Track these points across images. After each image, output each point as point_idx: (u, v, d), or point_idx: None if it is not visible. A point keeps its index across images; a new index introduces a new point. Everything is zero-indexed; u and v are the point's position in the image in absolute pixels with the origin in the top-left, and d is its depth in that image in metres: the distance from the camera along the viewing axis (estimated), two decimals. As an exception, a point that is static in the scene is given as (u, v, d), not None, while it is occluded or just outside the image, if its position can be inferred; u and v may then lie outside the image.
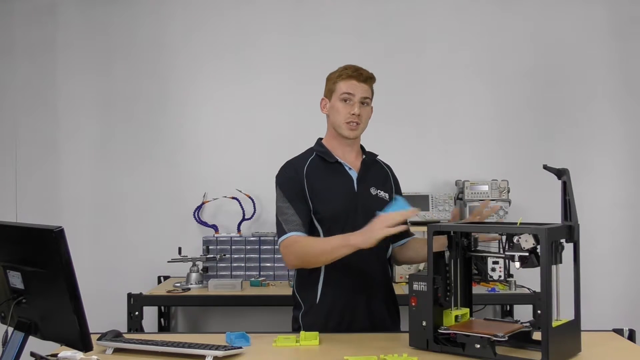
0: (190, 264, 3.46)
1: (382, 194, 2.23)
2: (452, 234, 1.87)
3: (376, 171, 2.30)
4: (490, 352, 1.68)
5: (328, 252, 2.01)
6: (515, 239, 1.72)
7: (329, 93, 2.24)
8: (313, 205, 2.15)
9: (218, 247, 3.59)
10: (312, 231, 2.15)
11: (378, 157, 2.36)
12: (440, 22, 3.87)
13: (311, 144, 2.35)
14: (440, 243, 1.86)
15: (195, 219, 3.79)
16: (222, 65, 3.90)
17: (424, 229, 3.12)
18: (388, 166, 2.39)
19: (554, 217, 1.88)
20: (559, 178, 1.74)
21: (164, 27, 3.92)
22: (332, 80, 2.23)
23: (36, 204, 3.89)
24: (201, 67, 3.90)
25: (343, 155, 2.23)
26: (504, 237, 1.78)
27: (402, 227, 1.89)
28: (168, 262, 3.44)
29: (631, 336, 2.01)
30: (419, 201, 3.54)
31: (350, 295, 2.13)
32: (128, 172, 3.88)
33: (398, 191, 2.34)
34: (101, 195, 3.88)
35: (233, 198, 3.76)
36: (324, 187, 2.17)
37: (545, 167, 1.78)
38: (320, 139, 2.32)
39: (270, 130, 3.85)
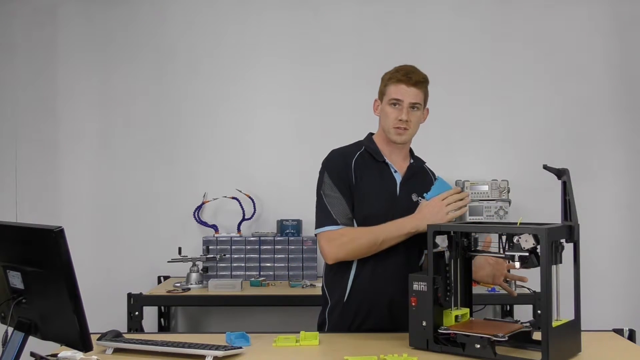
0: (190, 264, 3.46)
1: (422, 201, 2.18)
2: (452, 234, 1.87)
3: (421, 178, 2.25)
4: (490, 352, 1.68)
5: (378, 245, 2.04)
6: (515, 239, 1.72)
7: (380, 95, 2.21)
8: (355, 202, 2.12)
9: (218, 247, 3.59)
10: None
11: (426, 164, 2.32)
12: (440, 22, 3.87)
13: (311, 143, 2.35)
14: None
15: (195, 219, 3.79)
16: (222, 65, 3.90)
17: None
18: (434, 174, 2.33)
19: (554, 217, 1.88)
20: (559, 178, 1.74)
21: (164, 27, 3.92)
22: (384, 82, 2.20)
23: (36, 204, 3.89)
24: (201, 67, 3.90)
25: (390, 156, 2.20)
26: (504, 237, 1.78)
27: (463, 210, 1.96)
28: (168, 262, 3.44)
29: (631, 336, 2.01)
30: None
31: (377, 297, 2.10)
32: (128, 172, 3.88)
33: None
34: (101, 195, 3.89)
35: (233, 198, 3.76)
36: (367, 185, 2.13)
37: (545, 167, 1.78)
38: (371, 134, 2.28)
39: (270, 130, 3.85)
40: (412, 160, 2.25)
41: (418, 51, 3.86)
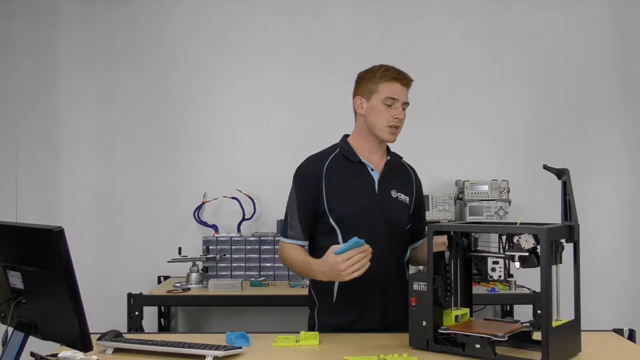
0: (190, 264, 3.46)
1: (402, 197, 2.21)
2: (452, 234, 1.87)
3: (399, 173, 2.28)
4: (490, 352, 1.68)
5: (303, 274, 2.15)
6: (515, 239, 1.72)
7: (367, 92, 2.20)
8: (330, 204, 2.13)
9: (218, 247, 3.59)
10: (329, 230, 2.14)
11: (403, 159, 2.34)
12: (440, 22, 3.87)
13: (311, 143, 2.35)
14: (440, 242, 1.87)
15: (195, 219, 3.79)
16: (223, 65, 3.90)
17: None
18: (412, 169, 2.36)
19: (554, 217, 1.88)
20: (559, 178, 1.74)
21: (164, 27, 3.92)
22: (373, 80, 2.18)
23: (36, 204, 3.89)
24: (201, 67, 3.90)
25: (368, 156, 2.21)
26: (504, 237, 1.78)
27: (365, 267, 1.89)
28: (168, 262, 3.44)
29: (631, 336, 2.01)
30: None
31: (366, 296, 2.11)
32: (128, 172, 3.88)
33: (420, 194, 2.33)
34: (101, 195, 3.89)
35: (233, 198, 3.76)
36: (343, 187, 2.15)
37: (545, 167, 1.78)
38: (346, 135, 2.29)
39: (270, 130, 3.85)
40: (389, 157, 2.26)
41: (418, 51, 3.86)
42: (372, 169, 2.19)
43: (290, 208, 2.18)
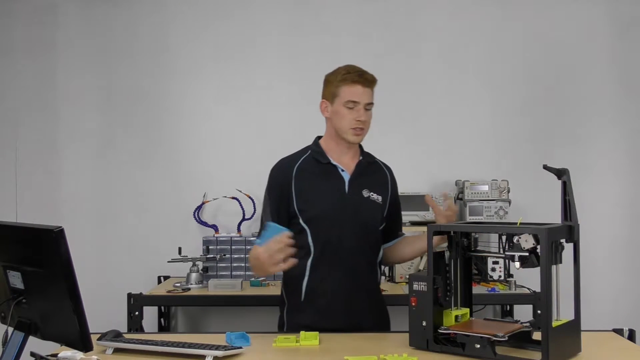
0: (190, 264, 3.46)
1: (374, 196, 2.22)
2: (452, 234, 1.87)
3: (372, 173, 2.28)
4: (490, 352, 1.68)
5: (256, 271, 2.13)
6: (515, 239, 1.72)
7: (330, 96, 2.20)
8: (300, 205, 2.16)
9: (218, 247, 3.59)
10: (300, 231, 2.16)
11: (377, 158, 2.35)
12: (440, 22, 3.87)
13: (311, 143, 2.35)
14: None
15: (195, 219, 3.79)
16: (223, 65, 3.89)
17: (424, 228, 3.12)
18: (388, 168, 2.37)
19: (554, 217, 1.88)
20: (559, 178, 1.74)
21: (164, 27, 3.92)
22: (335, 83, 2.19)
23: (36, 204, 3.89)
24: (201, 67, 3.90)
25: (339, 157, 2.22)
26: (504, 237, 1.78)
27: (290, 263, 1.90)
28: (168, 262, 3.44)
29: (631, 336, 2.01)
30: (419, 201, 3.54)
31: (335, 296, 2.12)
32: (128, 172, 3.88)
33: (395, 193, 2.33)
34: (101, 195, 3.89)
35: (233, 198, 3.76)
36: (312, 188, 2.17)
37: (545, 167, 1.78)
38: (319, 137, 2.31)
39: (270, 130, 3.85)
40: (361, 157, 2.26)
41: (418, 51, 3.86)
42: (343, 170, 2.21)
43: (263, 211, 2.23)
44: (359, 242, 2.15)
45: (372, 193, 2.22)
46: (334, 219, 2.14)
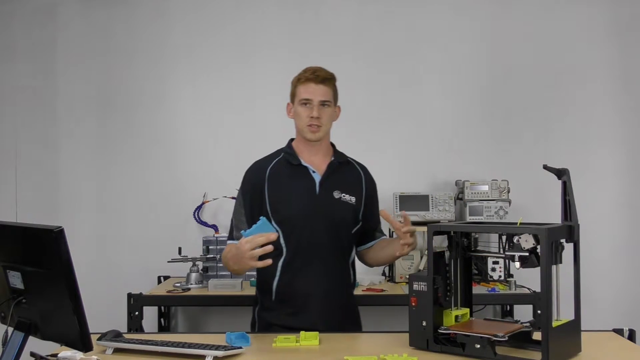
0: (190, 264, 3.46)
1: (346, 197, 2.22)
2: (452, 234, 1.87)
3: (345, 173, 2.28)
4: (490, 352, 1.68)
5: (230, 268, 2.13)
6: (515, 239, 1.72)
7: (292, 97, 2.26)
8: (272, 207, 2.18)
9: (218, 247, 3.58)
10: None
11: (351, 158, 2.34)
12: (440, 22, 3.87)
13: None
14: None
15: (195, 219, 3.79)
16: (222, 65, 3.89)
17: (424, 229, 3.13)
18: (363, 167, 2.36)
19: (554, 217, 1.88)
20: (559, 178, 1.74)
21: (164, 27, 3.92)
22: (293, 84, 2.25)
23: (36, 204, 3.89)
24: (201, 67, 3.90)
25: (309, 158, 2.24)
26: (504, 237, 1.78)
27: (265, 262, 1.93)
28: (168, 262, 3.44)
29: (631, 336, 2.01)
30: (419, 201, 3.54)
31: (305, 295, 2.13)
32: (128, 172, 3.88)
33: (371, 193, 2.32)
34: (101, 195, 3.89)
35: (233, 198, 3.74)
36: (283, 190, 2.20)
37: (545, 167, 1.78)
38: (292, 139, 2.33)
39: (270, 130, 3.83)
40: (332, 158, 2.26)
41: (418, 51, 3.86)
42: (314, 171, 2.22)
43: (236, 212, 2.26)
44: (330, 243, 2.16)
45: (344, 194, 2.22)
46: (304, 220, 2.16)
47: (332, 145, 2.33)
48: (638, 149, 3.82)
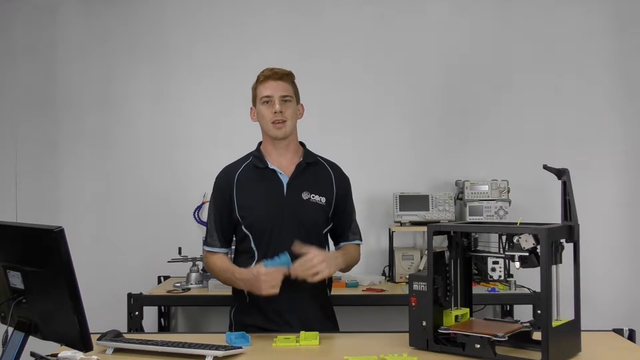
0: (190, 264, 3.46)
1: (315, 198, 2.21)
2: (452, 234, 1.87)
3: (314, 174, 2.26)
4: (490, 352, 1.68)
5: (226, 282, 2.24)
6: (515, 239, 1.72)
7: (254, 100, 2.27)
8: (241, 212, 2.20)
9: (218, 247, 3.58)
10: (244, 236, 2.21)
11: (322, 158, 2.33)
12: (440, 21, 3.87)
13: (311, 143, 2.36)
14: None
15: (195, 219, 3.79)
16: (222, 65, 3.89)
17: (424, 229, 3.13)
18: (334, 166, 2.33)
19: (554, 217, 1.88)
20: (559, 178, 1.74)
21: (164, 26, 3.92)
22: (253, 87, 2.26)
23: (36, 204, 3.89)
24: (201, 67, 3.90)
25: (278, 159, 2.24)
26: (504, 237, 1.78)
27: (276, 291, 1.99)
28: (168, 262, 3.44)
29: (631, 336, 2.01)
30: (419, 201, 3.54)
31: (277, 298, 2.07)
32: (128, 172, 3.88)
33: (343, 192, 2.30)
34: (101, 195, 3.89)
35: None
36: (251, 194, 2.20)
37: (545, 167, 1.78)
38: (261, 142, 2.33)
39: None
40: (301, 158, 2.25)
41: (418, 51, 3.86)
42: (281, 173, 2.21)
43: (208, 217, 2.29)
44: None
45: (312, 194, 2.21)
46: (273, 223, 2.16)
47: (303, 145, 2.32)
48: (638, 148, 3.81)
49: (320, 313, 2.23)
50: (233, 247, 2.32)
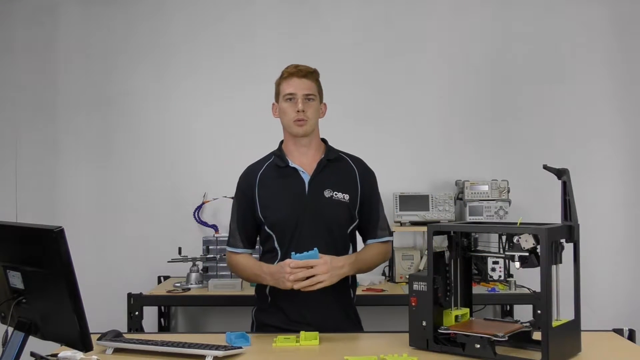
0: (190, 264, 3.46)
1: (338, 195, 2.17)
2: (452, 234, 1.87)
3: (336, 171, 2.23)
4: (490, 352, 1.68)
5: (252, 279, 2.23)
6: (515, 239, 1.72)
7: (276, 97, 2.24)
8: (263, 212, 2.19)
9: (218, 247, 3.58)
10: (267, 236, 2.20)
11: (345, 154, 2.30)
12: (441, 22, 3.87)
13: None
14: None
15: (195, 219, 3.79)
16: (222, 65, 3.89)
17: (424, 229, 3.13)
18: (357, 161, 2.30)
19: (554, 217, 1.88)
20: (559, 178, 1.74)
21: (164, 27, 3.92)
22: (277, 83, 2.23)
23: (36, 204, 3.89)
24: (201, 67, 3.90)
25: (299, 158, 2.22)
26: (504, 237, 1.78)
27: (313, 286, 1.99)
28: (168, 262, 3.44)
29: (631, 336, 2.01)
30: (419, 201, 3.54)
31: (299, 299, 2.08)
32: (128, 172, 3.88)
33: (368, 188, 2.26)
34: (101, 195, 3.88)
35: (233, 198, 3.75)
36: (273, 194, 2.20)
37: (545, 167, 1.78)
38: (282, 141, 2.32)
39: (270, 130, 3.82)
40: (323, 155, 2.24)
41: (418, 51, 3.86)
42: (303, 172, 2.20)
43: (231, 218, 2.30)
44: (322, 244, 2.10)
45: (335, 192, 2.18)
46: (294, 222, 2.15)
47: (325, 141, 2.31)
48: (638, 148, 3.82)
49: (342, 314, 2.21)
50: (258, 246, 2.31)
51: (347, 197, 2.19)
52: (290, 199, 2.17)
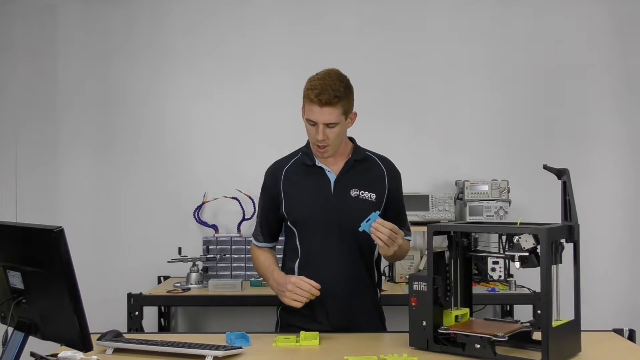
0: (190, 264, 3.46)
1: (365, 195, 2.16)
2: (452, 234, 1.87)
3: (363, 171, 2.22)
4: (490, 352, 1.68)
5: (263, 278, 2.27)
6: (515, 239, 1.72)
7: (303, 103, 2.15)
8: (287, 207, 2.18)
9: (218, 247, 3.59)
10: (290, 232, 2.21)
11: (372, 153, 2.29)
12: (441, 22, 3.87)
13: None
14: None
15: (195, 219, 3.79)
16: (222, 64, 3.89)
17: (424, 229, 3.13)
18: (386, 162, 2.28)
19: (554, 217, 1.88)
20: (559, 178, 1.74)
21: (164, 26, 3.92)
22: (304, 92, 2.12)
23: (36, 204, 3.89)
24: (201, 67, 3.90)
25: (327, 158, 2.20)
26: (504, 237, 1.78)
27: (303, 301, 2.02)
28: (168, 262, 3.44)
29: (631, 336, 2.01)
30: (419, 201, 3.54)
31: (321, 299, 2.07)
32: (128, 172, 3.88)
33: (395, 186, 2.25)
34: (101, 195, 3.89)
35: (233, 198, 3.76)
36: (298, 191, 2.19)
37: (545, 167, 1.78)
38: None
39: (270, 130, 3.85)
40: (350, 155, 2.22)
41: (418, 51, 3.86)
42: (329, 171, 2.19)
43: (257, 211, 2.34)
44: (347, 243, 2.11)
45: (362, 192, 2.17)
46: (318, 221, 2.13)
47: (353, 140, 2.28)
48: (638, 148, 3.82)
49: (367, 316, 2.19)
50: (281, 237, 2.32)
51: (373, 196, 2.18)
52: (315, 198, 2.16)
